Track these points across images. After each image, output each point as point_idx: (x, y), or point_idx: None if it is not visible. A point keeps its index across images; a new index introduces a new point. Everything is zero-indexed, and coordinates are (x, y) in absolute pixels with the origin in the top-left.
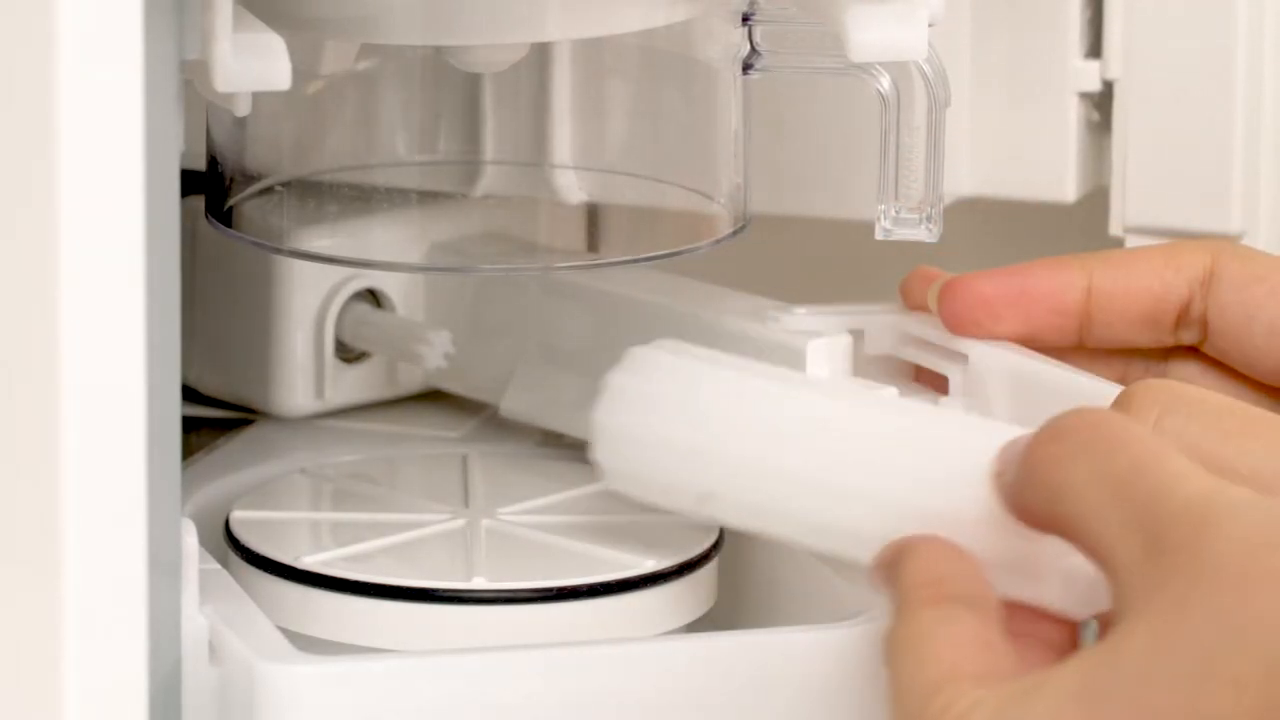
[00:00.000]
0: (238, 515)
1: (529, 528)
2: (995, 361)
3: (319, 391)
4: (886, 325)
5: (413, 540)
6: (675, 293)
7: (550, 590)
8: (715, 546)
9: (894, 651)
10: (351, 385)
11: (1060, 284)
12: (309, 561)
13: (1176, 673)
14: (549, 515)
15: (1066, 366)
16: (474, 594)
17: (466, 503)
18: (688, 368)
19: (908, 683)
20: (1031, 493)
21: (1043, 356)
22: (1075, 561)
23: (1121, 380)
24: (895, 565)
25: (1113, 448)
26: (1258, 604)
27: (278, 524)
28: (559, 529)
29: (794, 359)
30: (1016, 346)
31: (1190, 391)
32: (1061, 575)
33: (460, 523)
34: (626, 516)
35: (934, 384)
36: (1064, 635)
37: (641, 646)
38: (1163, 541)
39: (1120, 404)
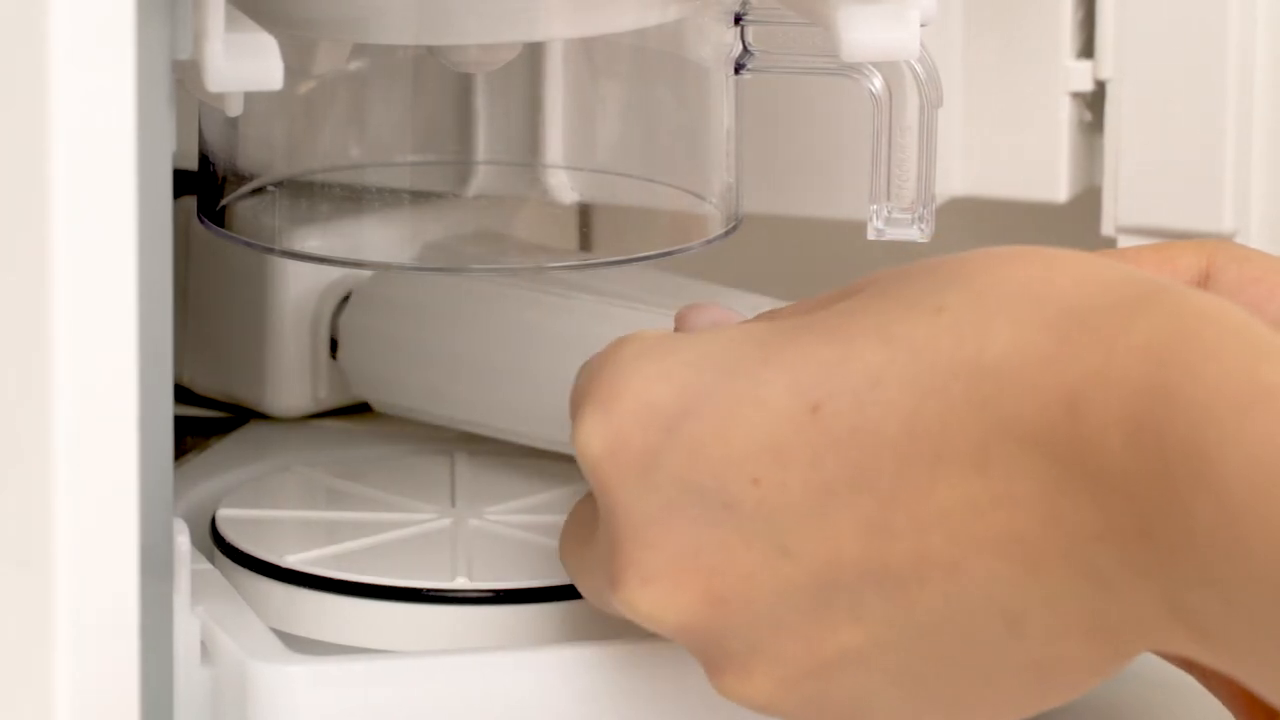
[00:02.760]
0: (224, 514)
1: (515, 527)
2: None
3: (312, 392)
4: None
5: (399, 539)
6: (673, 291)
7: (536, 590)
8: None
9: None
10: (345, 385)
11: None
12: (293, 560)
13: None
14: (535, 515)
15: None
16: (459, 594)
17: (453, 502)
18: (432, 278)
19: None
20: None
21: None
22: None
23: None
24: None
25: None
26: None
27: (264, 522)
28: (545, 529)
29: None
30: None
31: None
32: None
33: (447, 522)
34: None
35: None
36: None
37: (627, 647)
38: None
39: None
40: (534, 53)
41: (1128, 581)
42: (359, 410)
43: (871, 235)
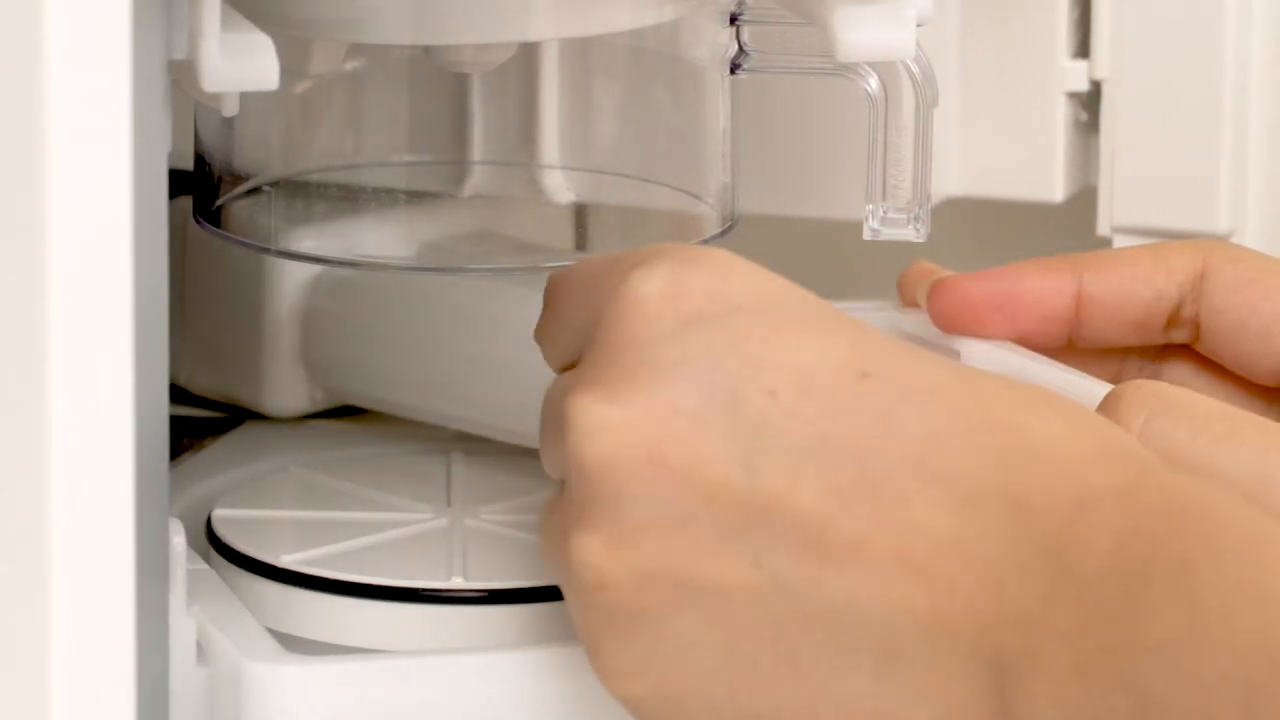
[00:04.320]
0: (220, 514)
1: (511, 527)
2: (987, 359)
3: (309, 392)
4: (882, 322)
5: (394, 539)
6: None
7: (532, 590)
8: None
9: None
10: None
11: (1049, 289)
12: (289, 560)
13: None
14: (531, 515)
15: (1058, 364)
16: (456, 593)
17: (449, 502)
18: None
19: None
20: (549, 362)
21: (1035, 354)
22: None
23: (1116, 378)
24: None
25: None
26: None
27: (259, 523)
28: None
29: None
30: (1010, 344)
31: (1179, 395)
32: None
33: (443, 522)
34: None
35: None
36: None
37: None
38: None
39: (1108, 406)
40: (529, 53)
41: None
42: (355, 411)
43: (867, 235)
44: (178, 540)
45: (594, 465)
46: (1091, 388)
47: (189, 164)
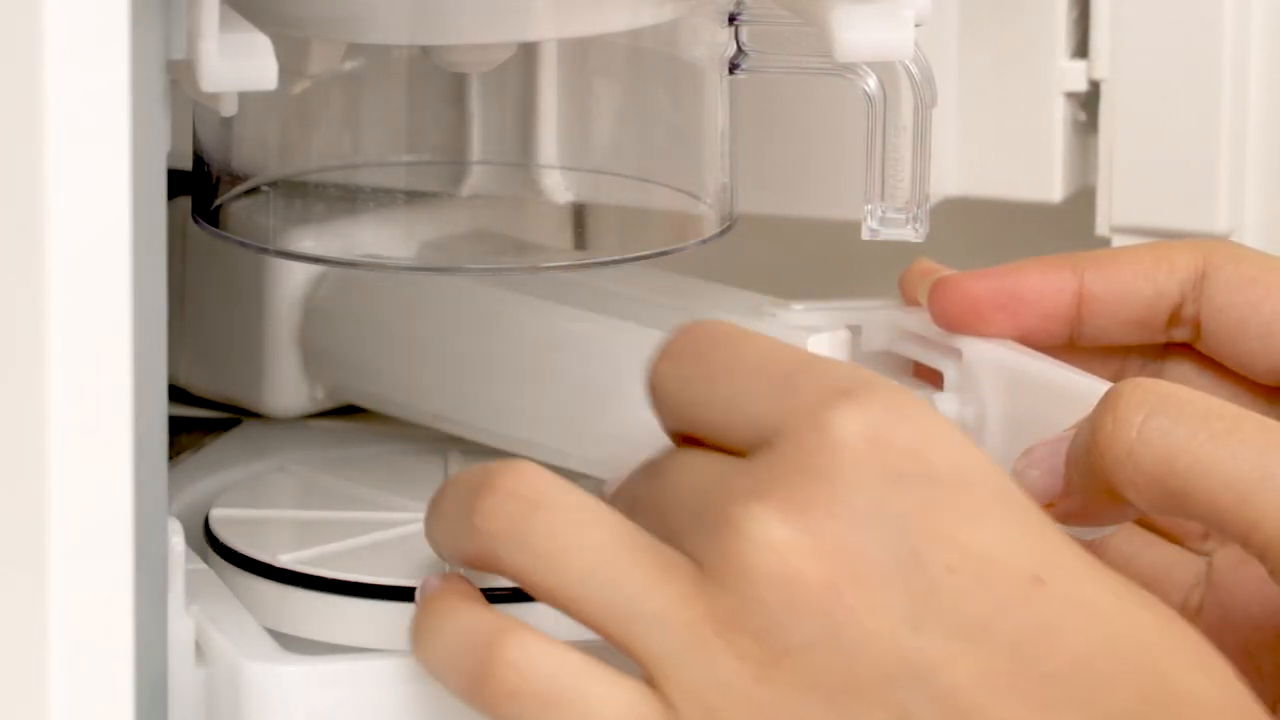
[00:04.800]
0: (217, 513)
1: None
2: (988, 358)
3: (309, 392)
4: (883, 321)
5: (392, 539)
6: (671, 290)
7: None
8: None
9: None
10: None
11: (1050, 288)
12: (287, 560)
13: None
14: None
15: (1059, 363)
16: None
17: None
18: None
19: None
20: (666, 413)
21: (1037, 353)
22: None
23: (1117, 377)
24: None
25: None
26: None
27: (257, 522)
28: None
29: None
30: (1011, 343)
31: (1178, 392)
32: None
33: None
34: None
35: (931, 380)
36: None
37: None
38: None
39: (1106, 404)
40: (528, 53)
41: None
42: (353, 410)
43: (866, 235)
44: (176, 540)
45: (765, 580)
46: (1092, 384)
47: (188, 164)
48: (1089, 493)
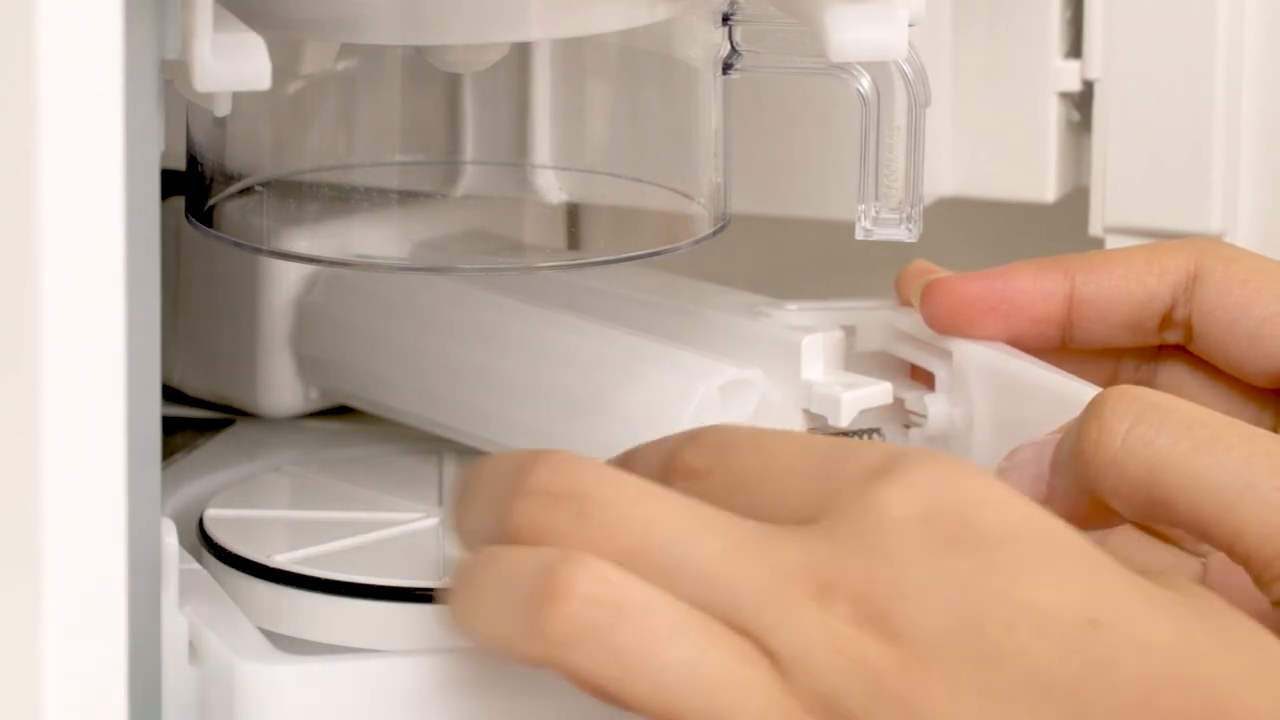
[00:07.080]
0: (212, 513)
1: None
2: (978, 360)
3: (303, 393)
4: (877, 321)
5: (386, 539)
6: (665, 289)
7: None
8: None
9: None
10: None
11: (1041, 290)
12: (281, 560)
13: None
14: None
15: (1048, 366)
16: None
17: (441, 501)
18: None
19: None
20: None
21: (1027, 355)
22: None
23: (1111, 380)
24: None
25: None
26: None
27: (251, 522)
28: None
29: (789, 354)
30: (1002, 345)
31: (1162, 400)
32: None
33: (434, 521)
34: None
35: (926, 381)
36: None
37: None
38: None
39: (1092, 411)
40: (522, 53)
41: None
42: (347, 410)
43: (859, 235)
44: (170, 540)
45: (842, 673)
46: (1080, 389)
47: (181, 164)
48: (1074, 498)
